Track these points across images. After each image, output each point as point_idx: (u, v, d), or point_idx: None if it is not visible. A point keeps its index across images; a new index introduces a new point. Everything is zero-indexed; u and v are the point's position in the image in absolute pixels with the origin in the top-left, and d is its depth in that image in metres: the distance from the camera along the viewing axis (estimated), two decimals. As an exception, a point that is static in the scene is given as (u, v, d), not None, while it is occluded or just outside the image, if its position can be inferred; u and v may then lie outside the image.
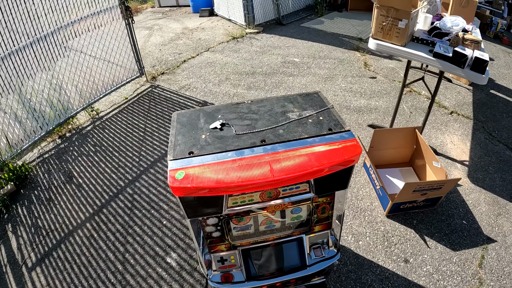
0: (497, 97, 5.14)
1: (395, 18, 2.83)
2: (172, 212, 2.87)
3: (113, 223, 2.81)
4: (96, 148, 3.58)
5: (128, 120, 4.00)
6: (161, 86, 4.75)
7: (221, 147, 1.34)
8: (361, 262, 2.55)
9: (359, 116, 4.18)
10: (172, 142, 1.41)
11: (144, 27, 7.21)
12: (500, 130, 4.26)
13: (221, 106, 1.61)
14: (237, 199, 1.39)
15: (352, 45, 6.36)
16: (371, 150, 3.20)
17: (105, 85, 4.32)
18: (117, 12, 4.26)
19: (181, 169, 1.27)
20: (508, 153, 3.87)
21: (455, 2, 3.64)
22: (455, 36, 3.03)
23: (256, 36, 6.57)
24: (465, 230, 2.90)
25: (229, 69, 5.22)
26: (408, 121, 4.15)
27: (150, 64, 5.38)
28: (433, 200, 2.91)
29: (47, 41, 3.51)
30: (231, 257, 1.70)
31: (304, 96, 1.65)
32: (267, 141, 1.34)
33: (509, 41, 8.33)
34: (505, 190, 3.33)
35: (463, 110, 4.55)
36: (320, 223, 1.73)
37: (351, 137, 1.37)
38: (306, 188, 1.45)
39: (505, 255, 2.73)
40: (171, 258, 2.52)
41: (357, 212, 2.95)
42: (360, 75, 5.21)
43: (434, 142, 3.83)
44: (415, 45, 3.06)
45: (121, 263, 2.50)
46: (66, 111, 3.84)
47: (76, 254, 2.57)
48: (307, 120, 1.46)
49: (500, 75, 6.07)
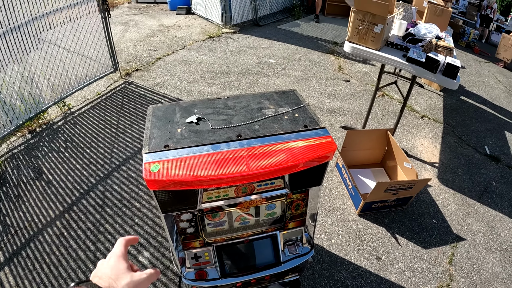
0: (467, 103, 5.35)
1: (371, 22, 2.90)
2: (144, 210, 2.82)
3: (83, 221, 2.73)
4: (67, 144, 3.47)
5: (100, 116, 3.91)
6: (135, 82, 4.66)
7: (197, 141, 1.33)
8: (334, 259, 2.59)
9: (332, 118, 4.25)
10: (148, 135, 1.39)
11: (120, 22, 7.07)
12: (469, 134, 4.44)
13: (197, 101, 1.60)
14: (212, 193, 1.39)
15: (327, 49, 6.47)
16: (343, 151, 3.26)
17: (78, 80, 4.20)
18: (93, 5, 4.16)
19: (156, 162, 1.24)
20: (477, 156, 4.04)
21: (430, 10, 3.77)
22: (429, 43, 3.14)
23: (233, 36, 6.58)
24: (435, 229, 3.00)
25: (204, 67, 5.19)
26: (380, 124, 4.26)
27: (124, 60, 5.28)
28: (404, 199, 3.00)
29: (21, 32, 3.38)
30: (205, 254, 1.69)
31: (280, 94, 1.67)
32: (243, 136, 1.34)
33: (480, 50, 8.70)
34: (473, 191, 3.47)
35: (434, 115, 4.71)
36: (294, 220, 1.74)
37: (326, 134, 1.39)
38: (280, 184, 1.46)
39: (474, 253, 2.84)
40: (143, 257, 2.48)
41: (330, 211, 2.99)
42: (334, 78, 5.31)
43: (405, 144, 3.95)
44: (389, 50, 3.14)
45: (92, 262, 2.43)
46: (37, 105, 3.71)
47: (46, 253, 2.48)
48: (283, 117, 1.47)
49: (471, 82, 6.33)
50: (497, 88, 6.44)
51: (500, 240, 3.01)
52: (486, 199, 3.43)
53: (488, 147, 4.26)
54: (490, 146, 4.30)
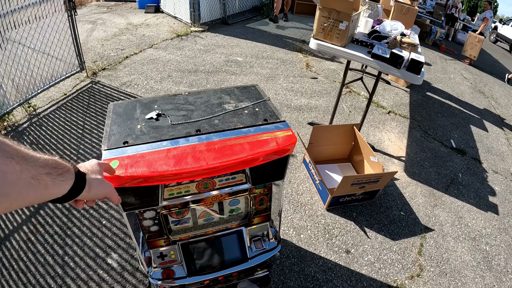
0: (432, 99, 5.54)
1: (336, 19, 2.96)
2: (111, 212, 2.77)
3: (50, 224, 2.65)
4: (32, 147, 3.36)
5: (66, 117, 3.80)
6: (101, 82, 4.57)
7: (156, 136, 1.32)
8: (304, 254, 2.63)
9: (300, 115, 4.30)
10: (107, 132, 1.37)
11: (88, 21, 6.91)
12: (435, 129, 4.60)
13: (158, 97, 1.59)
14: (173, 190, 1.38)
15: (295, 47, 6.55)
16: (310, 147, 3.30)
17: (44, 80, 4.07)
18: (59, 3, 4.04)
19: (115, 159, 1.23)
20: (443, 149, 4.19)
21: (396, 9, 3.89)
22: (394, 39, 3.23)
23: (201, 35, 6.56)
24: (403, 220, 3.08)
25: (172, 66, 5.16)
26: (347, 120, 4.35)
27: (91, 59, 5.16)
28: (371, 193, 3.07)
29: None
30: (171, 253, 1.68)
31: (241, 89, 1.67)
32: (202, 131, 1.34)
33: (446, 49, 9.02)
34: (440, 183, 3.60)
35: (400, 110, 4.85)
36: (259, 215, 1.76)
37: (286, 127, 1.41)
38: (242, 179, 1.46)
39: (443, 243, 2.94)
40: (112, 259, 2.43)
41: (298, 207, 3.03)
42: (301, 75, 5.38)
43: (372, 139, 4.05)
44: (354, 47, 3.21)
45: (61, 266, 2.36)
46: (1, 107, 3.57)
47: (14, 260, 2.39)
48: (243, 111, 1.48)
49: (437, 79, 6.56)
50: (463, 84, 6.70)
51: (468, 230, 3.13)
52: (453, 190, 3.56)
53: (454, 141, 4.43)
54: (456, 140, 4.47)
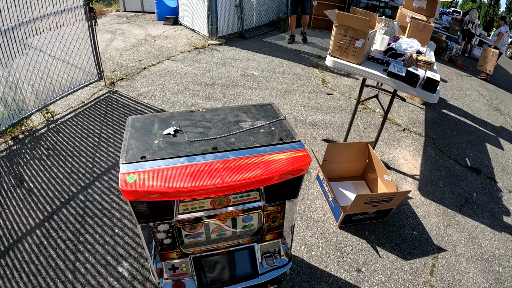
0: (448, 116, 5.48)
1: (353, 37, 2.97)
2: (124, 221, 2.80)
3: (64, 230, 2.69)
4: (49, 152, 3.44)
5: (83, 124, 3.89)
6: (119, 92, 4.66)
7: (173, 152, 1.35)
8: (314, 271, 2.60)
9: (314, 131, 4.30)
10: (125, 146, 1.40)
11: (107, 31, 7.07)
12: (450, 147, 4.54)
13: (176, 113, 1.62)
14: (188, 205, 1.40)
15: (312, 62, 6.57)
16: (324, 163, 3.29)
17: (63, 87, 4.18)
18: (80, 12, 4.16)
19: (133, 173, 1.26)
20: (458, 167, 4.12)
21: (412, 25, 3.88)
22: (409, 57, 3.22)
23: (218, 48, 6.64)
24: (415, 240, 3.04)
25: (189, 79, 5.22)
26: (362, 137, 4.33)
27: (110, 69, 5.27)
28: (384, 211, 3.04)
29: (7, 36, 3.35)
30: (183, 265, 1.69)
31: (257, 107, 1.70)
32: (219, 149, 1.37)
33: (462, 65, 8.94)
34: (454, 203, 3.54)
35: (416, 128, 4.81)
36: (271, 232, 1.76)
37: (301, 147, 1.42)
38: (256, 197, 1.48)
39: (455, 263, 2.88)
40: (122, 268, 2.45)
41: (310, 223, 3.01)
42: (317, 91, 5.39)
43: (387, 157, 4.01)
44: (370, 64, 3.21)
45: (72, 272, 2.39)
46: (21, 112, 3.67)
47: (25, 262, 2.44)
48: (259, 130, 1.50)
49: (452, 95, 6.49)
50: (478, 101, 6.62)
51: (481, 250, 3.07)
52: (467, 210, 3.50)
53: (469, 159, 4.36)
54: (471, 158, 4.40)
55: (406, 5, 4.38)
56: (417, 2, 4.19)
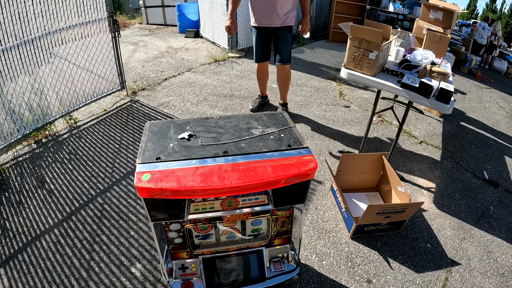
0: (466, 129, 5.40)
1: (366, 49, 3.01)
2: (140, 224, 2.88)
3: (81, 230, 2.79)
4: (70, 156, 3.58)
5: (105, 131, 4.03)
6: (140, 101, 4.81)
7: (186, 155, 1.42)
8: (324, 281, 2.60)
9: (330, 143, 4.32)
10: (142, 148, 1.49)
11: (130, 42, 7.31)
12: (467, 160, 4.47)
13: (191, 120, 1.70)
14: (198, 205, 1.46)
15: (330, 75, 6.61)
16: (338, 175, 3.30)
17: (86, 95, 4.35)
18: (104, 24, 4.35)
19: (147, 172, 1.34)
20: (475, 181, 4.05)
21: (429, 37, 3.89)
22: (424, 69, 3.23)
23: (238, 61, 6.76)
24: (429, 253, 2.99)
25: (208, 90, 5.34)
26: (378, 149, 4.31)
27: (132, 79, 5.45)
28: (397, 223, 3.02)
29: (34, 45, 3.55)
30: (192, 265, 1.75)
31: (269, 115, 1.76)
32: (229, 153, 1.43)
33: (482, 77, 8.79)
34: (470, 216, 3.47)
35: (433, 140, 4.76)
36: (280, 237, 1.80)
37: (308, 153, 1.47)
38: (265, 200, 1.53)
39: (469, 278, 2.82)
40: (135, 269, 2.52)
41: (322, 233, 3.02)
42: (334, 103, 5.41)
43: (402, 169, 3.99)
44: (385, 76, 3.24)
45: (86, 270, 2.48)
46: (45, 117, 3.84)
47: (42, 259, 2.54)
48: (269, 137, 1.56)
49: (471, 108, 6.39)
50: (498, 113, 6.49)
51: (497, 265, 3.00)
52: (483, 224, 3.43)
53: (486, 172, 4.28)
54: (489, 171, 4.31)
55: (423, 17, 4.39)
56: (433, 13, 4.20)
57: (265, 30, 3.90)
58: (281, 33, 3.90)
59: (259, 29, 3.92)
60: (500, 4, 38.49)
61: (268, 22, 3.81)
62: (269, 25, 3.83)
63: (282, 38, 3.92)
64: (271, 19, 3.77)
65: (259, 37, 3.98)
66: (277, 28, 3.86)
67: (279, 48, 3.99)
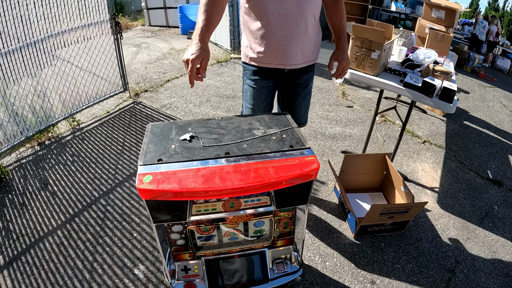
0: (470, 128, 5.37)
1: (369, 49, 3.00)
2: (143, 225, 2.89)
3: (84, 232, 2.80)
4: (74, 158, 3.59)
5: (108, 133, 4.04)
6: (143, 103, 4.82)
7: (188, 156, 1.41)
8: (328, 282, 2.59)
9: (333, 143, 4.30)
10: (144, 150, 1.49)
11: (133, 44, 7.33)
12: (471, 159, 4.44)
13: (193, 121, 1.70)
14: (200, 207, 1.46)
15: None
16: (341, 175, 3.28)
17: (89, 97, 4.36)
18: (107, 26, 4.36)
19: (149, 174, 1.33)
20: (479, 180, 4.03)
21: (431, 36, 3.88)
22: (426, 68, 3.21)
23: (240, 61, 6.74)
24: (433, 253, 2.98)
25: (211, 91, 5.34)
26: (381, 149, 4.30)
27: (134, 80, 5.46)
28: (401, 223, 3.00)
29: (36, 47, 3.56)
30: (195, 267, 1.74)
31: (271, 116, 1.75)
32: (231, 154, 1.42)
33: (485, 75, 8.74)
34: (474, 216, 3.45)
35: (436, 140, 4.74)
36: (282, 238, 1.79)
37: (310, 154, 1.46)
38: (267, 201, 1.52)
39: (473, 278, 2.80)
40: (138, 270, 2.52)
41: (326, 234, 3.00)
42: (337, 103, 5.40)
43: (406, 169, 3.97)
44: (387, 75, 3.22)
45: (89, 272, 2.48)
46: (48, 119, 3.86)
47: (45, 260, 2.55)
48: (271, 137, 1.55)
49: (475, 107, 6.36)
50: (502, 112, 6.45)
51: (502, 265, 2.97)
52: (487, 223, 3.41)
53: (490, 171, 4.25)
54: (492, 171, 4.29)
55: (425, 16, 4.38)
56: (435, 12, 4.19)
57: (275, 73, 2.13)
58: (302, 79, 2.21)
59: (264, 72, 2.10)
60: (503, 2, 38.23)
61: (285, 61, 2.02)
62: (286, 65, 2.05)
63: (303, 87, 2.25)
64: (291, 54, 2.00)
65: (261, 85, 2.14)
66: (297, 70, 2.15)
67: (296, 103, 2.32)
